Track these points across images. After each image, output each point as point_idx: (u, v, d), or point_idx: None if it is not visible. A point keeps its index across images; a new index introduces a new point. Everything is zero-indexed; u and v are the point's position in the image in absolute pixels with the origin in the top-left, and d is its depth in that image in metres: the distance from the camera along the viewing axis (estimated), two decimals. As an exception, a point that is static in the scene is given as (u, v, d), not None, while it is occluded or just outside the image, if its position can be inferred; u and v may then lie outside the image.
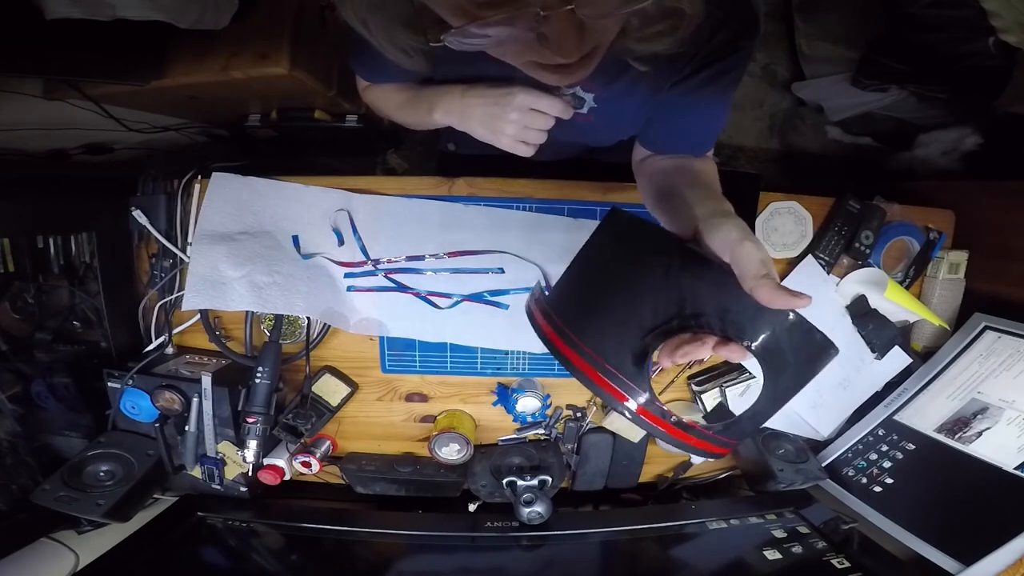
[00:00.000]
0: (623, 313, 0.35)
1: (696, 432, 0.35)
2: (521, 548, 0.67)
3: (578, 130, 0.60)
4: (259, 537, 0.68)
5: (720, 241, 0.36)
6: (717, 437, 0.36)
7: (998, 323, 0.77)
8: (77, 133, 0.93)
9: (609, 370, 0.34)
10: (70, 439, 0.71)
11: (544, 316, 0.39)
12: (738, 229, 0.36)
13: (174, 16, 0.78)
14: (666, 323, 0.34)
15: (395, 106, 0.65)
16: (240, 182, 0.73)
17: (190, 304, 0.69)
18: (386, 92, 0.65)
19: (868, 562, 0.59)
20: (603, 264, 0.40)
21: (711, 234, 0.37)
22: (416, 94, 0.61)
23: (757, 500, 0.75)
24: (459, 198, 0.75)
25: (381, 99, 0.67)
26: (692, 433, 0.35)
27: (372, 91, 0.67)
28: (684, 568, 0.65)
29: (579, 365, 0.35)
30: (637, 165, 0.63)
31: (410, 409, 0.80)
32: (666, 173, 0.56)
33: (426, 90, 0.59)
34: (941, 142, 1.20)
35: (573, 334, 0.36)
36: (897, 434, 0.76)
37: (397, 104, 0.64)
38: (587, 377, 0.35)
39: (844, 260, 0.80)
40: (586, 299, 0.38)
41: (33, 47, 0.72)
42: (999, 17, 0.86)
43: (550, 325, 0.38)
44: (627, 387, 0.34)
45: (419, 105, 0.60)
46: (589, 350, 0.35)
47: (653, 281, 0.35)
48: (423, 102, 0.59)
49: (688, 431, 0.35)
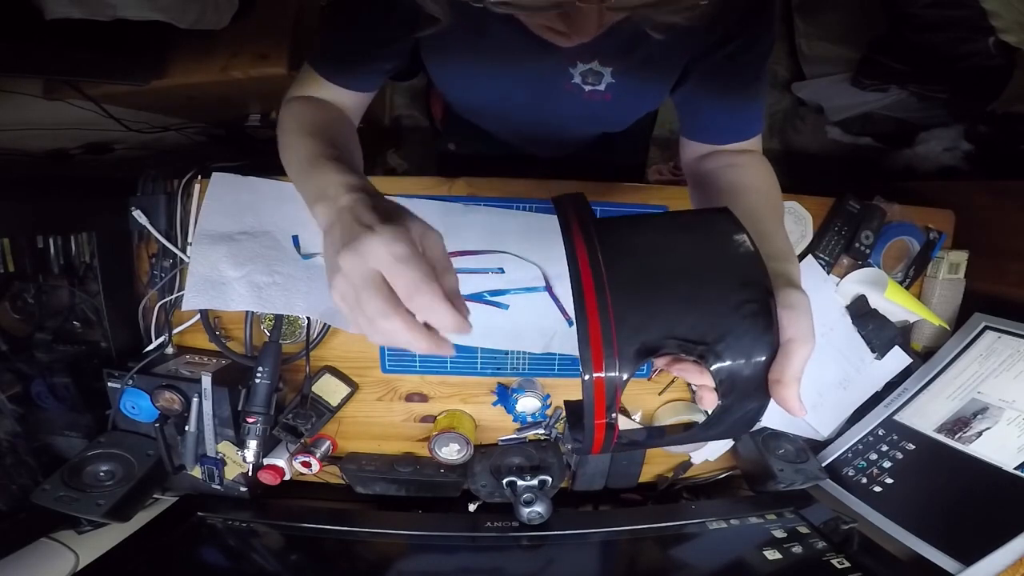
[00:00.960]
0: (668, 304, 0.32)
1: (610, 439, 0.34)
2: (521, 548, 0.67)
3: (594, 111, 0.59)
4: (259, 537, 0.68)
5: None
6: (621, 445, 0.35)
7: (998, 323, 0.77)
8: (77, 133, 0.93)
9: (611, 335, 0.31)
10: (70, 439, 0.71)
11: (584, 234, 0.34)
12: (796, 324, 0.33)
13: (174, 16, 0.78)
14: (692, 343, 0.32)
15: (302, 151, 0.47)
16: (240, 182, 0.73)
17: (190, 304, 0.69)
18: (303, 131, 0.50)
19: (868, 562, 0.59)
20: (688, 248, 0.36)
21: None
22: (318, 170, 0.42)
23: (757, 500, 0.75)
24: (459, 198, 0.75)
25: (295, 127, 0.51)
26: (608, 435, 0.33)
27: (298, 110, 0.54)
28: (684, 568, 0.65)
29: (588, 305, 0.31)
30: (689, 172, 0.61)
31: (410, 409, 0.80)
32: (720, 190, 0.52)
33: (325, 177, 0.40)
34: (941, 141, 1.20)
35: (607, 277, 0.32)
36: (897, 434, 0.76)
37: (304, 153, 0.46)
38: (585, 320, 0.31)
39: (844, 260, 0.80)
40: (646, 261, 0.34)
41: (33, 47, 0.72)
42: (999, 17, 0.86)
43: (587, 249, 0.33)
44: (612, 364, 0.31)
45: (311, 183, 0.42)
46: (610, 302, 0.31)
47: (716, 303, 0.32)
48: (313, 185, 0.41)
49: (608, 432, 0.33)
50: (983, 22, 0.89)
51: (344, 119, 0.57)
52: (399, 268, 0.31)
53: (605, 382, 0.31)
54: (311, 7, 1.00)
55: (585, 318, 0.31)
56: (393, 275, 0.32)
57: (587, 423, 0.33)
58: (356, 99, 0.58)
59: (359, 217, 0.34)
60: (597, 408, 0.32)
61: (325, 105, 0.56)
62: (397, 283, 0.32)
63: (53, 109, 0.87)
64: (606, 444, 0.34)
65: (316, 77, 0.56)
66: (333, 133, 0.50)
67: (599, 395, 0.31)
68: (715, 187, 0.54)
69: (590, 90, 0.55)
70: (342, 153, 0.45)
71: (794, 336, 0.33)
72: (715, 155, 0.58)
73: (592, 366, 0.31)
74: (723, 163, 0.56)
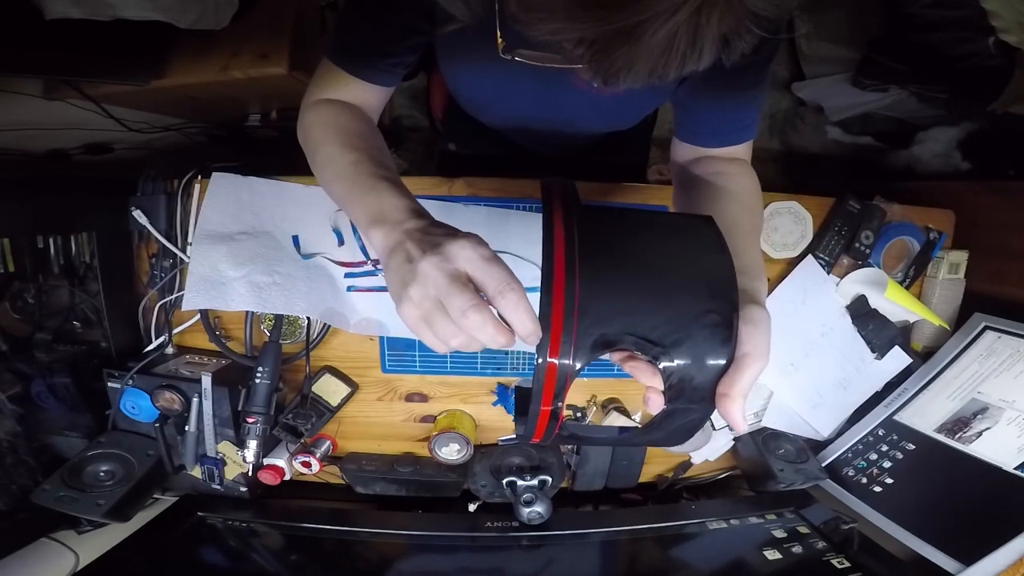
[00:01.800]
0: (636, 302, 0.32)
1: (552, 429, 0.34)
2: (521, 548, 0.67)
3: (604, 107, 0.59)
4: (259, 537, 0.68)
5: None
6: (562, 437, 0.35)
7: (998, 323, 0.77)
8: (77, 133, 0.93)
9: (572, 321, 0.31)
10: (70, 439, 0.71)
11: (565, 218, 0.34)
12: (753, 340, 0.34)
13: (174, 16, 0.78)
14: (650, 343, 0.32)
15: (348, 168, 0.47)
16: (240, 182, 0.73)
17: (190, 304, 0.69)
18: (341, 143, 0.49)
19: (868, 562, 0.59)
20: (666, 250, 0.36)
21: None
22: (375, 191, 0.43)
23: (757, 500, 0.75)
24: (459, 198, 0.75)
25: (332, 137, 0.50)
26: (551, 425, 0.33)
27: (328, 117, 0.53)
28: (684, 568, 0.65)
29: (555, 287, 0.31)
30: (677, 172, 0.62)
31: (410, 409, 0.80)
32: (704, 197, 0.53)
33: (384, 200, 0.42)
34: (941, 142, 1.20)
35: (580, 265, 0.32)
36: (897, 434, 0.76)
37: (350, 170, 0.46)
38: (549, 304, 0.31)
39: (844, 260, 0.80)
40: (622, 255, 0.34)
41: (33, 47, 0.72)
42: (999, 17, 0.86)
43: (564, 233, 0.33)
44: (567, 351, 0.31)
45: (365, 203, 0.43)
46: (577, 289, 0.31)
47: (683, 309, 0.32)
48: (370, 207, 0.42)
49: (551, 421, 0.33)
50: (983, 22, 0.89)
51: (374, 127, 0.56)
52: (490, 267, 0.33)
53: (557, 368, 0.31)
54: (311, 7, 1.00)
55: (549, 302, 0.31)
56: (485, 274, 0.33)
57: (532, 408, 0.33)
58: (379, 95, 0.58)
59: (431, 233, 0.36)
60: (545, 394, 0.32)
61: (355, 111, 0.55)
62: (488, 281, 0.33)
63: (53, 109, 0.87)
64: (547, 433, 0.34)
65: (339, 74, 0.55)
66: (373, 145, 0.50)
67: (549, 381, 0.31)
68: (699, 193, 0.54)
69: (600, 86, 0.55)
70: (391, 172, 0.46)
71: (750, 352, 0.33)
72: (704, 160, 0.58)
73: (547, 350, 0.31)
74: (711, 169, 0.56)
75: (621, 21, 0.27)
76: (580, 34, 0.29)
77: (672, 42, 0.28)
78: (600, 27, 0.28)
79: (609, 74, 0.31)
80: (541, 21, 0.29)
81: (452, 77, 0.63)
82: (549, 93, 0.59)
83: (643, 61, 0.30)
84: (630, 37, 0.28)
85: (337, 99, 0.56)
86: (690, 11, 0.27)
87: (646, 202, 0.77)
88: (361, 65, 0.54)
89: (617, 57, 0.29)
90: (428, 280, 0.33)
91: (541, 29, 0.30)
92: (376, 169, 0.45)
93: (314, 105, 0.55)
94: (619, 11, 0.27)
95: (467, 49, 0.56)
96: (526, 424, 0.34)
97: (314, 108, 0.55)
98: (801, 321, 0.78)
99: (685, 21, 0.27)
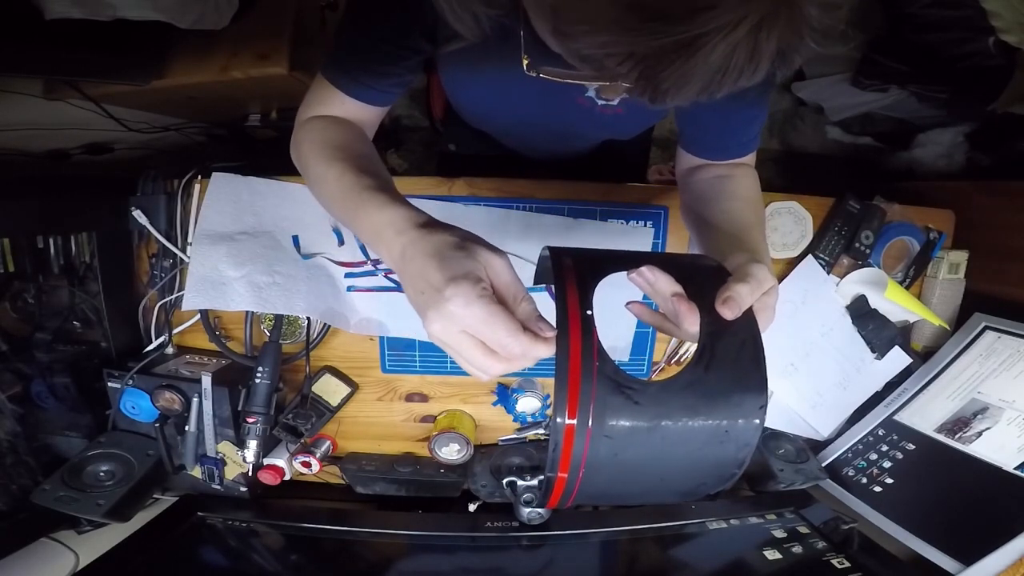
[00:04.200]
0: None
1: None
2: (521, 548, 0.67)
3: (606, 123, 0.59)
4: (259, 537, 0.68)
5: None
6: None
7: (998, 323, 0.77)
8: (77, 133, 0.93)
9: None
10: (70, 439, 0.71)
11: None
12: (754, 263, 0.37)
13: (174, 16, 0.78)
14: None
15: (343, 183, 0.45)
16: (240, 182, 0.73)
17: (190, 304, 0.69)
18: (336, 159, 0.48)
19: (868, 562, 0.59)
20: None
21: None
22: (371, 205, 0.42)
23: (757, 500, 0.75)
24: (459, 198, 0.75)
25: (327, 154, 0.49)
26: (569, 486, 0.33)
27: (322, 134, 0.52)
28: (684, 568, 0.65)
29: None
30: (681, 179, 0.63)
31: (410, 409, 0.80)
32: (708, 199, 0.55)
33: (380, 214, 0.41)
34: (941, 142, 1.20)
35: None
36: (897, 434, 0.76)
37: (346, 185, 0.45)
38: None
39: (844, 260, 0.80)
40: None
41: (33, 47, 0.72)
42: (999, 17, 0.86)
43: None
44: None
45: (364, 219, 0.42)
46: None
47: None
48: (368, 222, 0.42)
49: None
50: (983, 22, 0.89)
51: (361, 135, 0.55)
52: (482, 330, 0.33)
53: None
54: (311, 7, 1.00)
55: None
56: (480, 336, 0.33)
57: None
58: (373, 114, 0.57)
59: (425, 273, 0.35)
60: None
61: (342, 123, 0.54)
62: (486, 341, 0.33)
63: (53, 109, 0.87)
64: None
65: (333, 92, 0.53)
66: (356, 153, 0.49)
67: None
68: (704, 195, 0.56)
69: (603, 104, 0.55)
70: (376, 179, 0.45)
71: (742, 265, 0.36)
72: (709, 166, 0.59)
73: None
74: (715, 174, 0.58)
75: (678, 35, 0.25)
76: (630, 48, 0.27)
77: (730, 58, 0.27)
78: (654, 41, 0.26)
79: (657, 92, 0.29)
80: (586, 34, 0.28)
81: (452, 89, 0.63)
82: (551, 107, 0.59)
83: (697, 78, 0.28)
84: (686, 52, 0.26)
85: (329, 115, 0.55)
86: (751, 25, 0.25)
87: (647, 202, 0.77)
88: (356, 84, 0.53)
89: (669, 74, 0.28)
90: (441, 336, 0.34)
91: (586, 43, 0.28)
92: (359, 179, 0.44)
93: (306, 122, 0.54)
94: (676, 24, 0.25)
95: (469, 63, 0.56)
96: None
97: (306, 125, 0.54)
98: (801, 321, 0.78)
99: (745, 36, 0.26)
